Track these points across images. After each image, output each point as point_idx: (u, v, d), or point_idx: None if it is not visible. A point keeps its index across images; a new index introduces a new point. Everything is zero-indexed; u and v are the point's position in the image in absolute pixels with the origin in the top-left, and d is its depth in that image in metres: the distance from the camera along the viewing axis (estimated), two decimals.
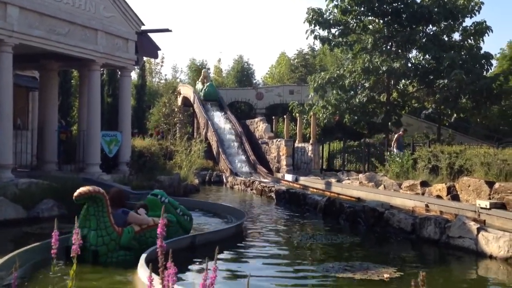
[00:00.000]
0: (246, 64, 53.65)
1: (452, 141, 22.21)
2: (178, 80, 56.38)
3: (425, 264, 8.24)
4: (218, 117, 33.12)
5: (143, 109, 36.39)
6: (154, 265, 2.90)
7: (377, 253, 8.94)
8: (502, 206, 10.98)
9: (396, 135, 19.93)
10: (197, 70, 53.50)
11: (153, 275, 2.79)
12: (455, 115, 24.01)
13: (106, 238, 7.00)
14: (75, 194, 6.92)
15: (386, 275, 6.77)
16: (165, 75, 60.57)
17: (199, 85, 35.89)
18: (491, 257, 8.05)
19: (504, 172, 12.41)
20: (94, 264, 6.88)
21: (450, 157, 14.47)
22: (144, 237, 7.48)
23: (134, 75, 36.26)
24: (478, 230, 8.51)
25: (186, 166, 19.72)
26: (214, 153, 29.15)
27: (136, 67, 18.76)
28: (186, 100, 38.30)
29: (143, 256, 6.22)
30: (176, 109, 31.04)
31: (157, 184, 14.97)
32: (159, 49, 17.91)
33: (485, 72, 23.82)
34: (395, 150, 18.47)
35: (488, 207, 10.82)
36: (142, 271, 5.54)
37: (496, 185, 11.68)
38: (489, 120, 29.29)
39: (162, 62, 56.29)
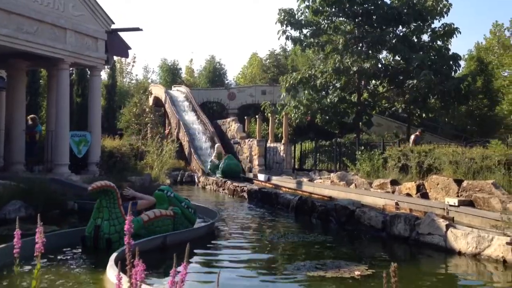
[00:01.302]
0: (218, 64, 53.59)
1: (421, 141, 22.55)
2: (149, 80, 55.92)
3: (395, 260, 8.29)
4: (190, 118, 32.94)
5: (113, 109, 35.91)
6: (123, 265, 2.84)
7: (349, 251, 8.99)
8: (470, 203, 11.21)
9: (413, 136, 19.88)
10: (169, 70, 53.13)
11: (121, 273, 2.73)
12: (424, 115, 24.39)
13: (118, 227, 7.72)
14: (89, 188, 7.76)
15: (357, 273, 6.81)
16: (136, 75, 60.05)
17: (213, 164, 24.47)
18: (459, 253, 8.18)
19: (472, 170, 12.66)
20: (108, 251, 7.35)
21: (419, 156, 14.70)
22: (152, 227, 8.35)
23: (104, 75, 35.81)
24: (447, 226, 8.64)
25: (157, 167, 19.53)
26: (186, 153, 29.00)
27: (106, 66, 18.49)
28: (157, 100, 38.02)
29: (113, 255, 6.14)
30: (147, 109, 30.74)
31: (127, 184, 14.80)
32: (130, 48, 17.71)
33: (453, 72, 24.28)
34: None
35: (456, 204, 11.03)
36: (111, 270, 5.45)
37: (464, 183, 11.91)
38: (457, 120, 29.90)
39: (134, 62, 55.81)
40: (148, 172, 17.84)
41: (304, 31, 25.01)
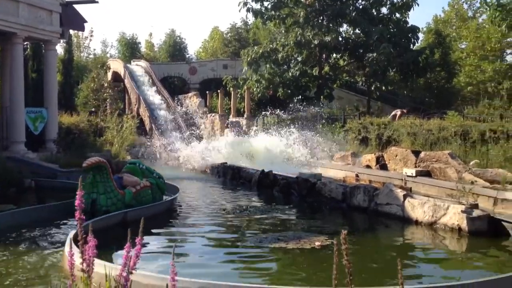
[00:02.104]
0: (178, 38, 52.66)
1: (381, 113, 22.88)
2: (108, 55, 54.62)
3: (355, 230, 8.48)
4: (151, 93, 32.45)
5: (70, 85, 34.90)
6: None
7: (310, 223, 9.10)
8: (427, 173, 11.49)
9: (399, 112, 19.83)
10: (127, 44, 52.02)
11: (75, 249, 2.68)
12: (383, 87, 24.70)
13: (114, 199, 8.38)
14: (84, 164, 8.09)
15: (317, 243, 6.91)
16: (94, 49, 58.25)
17: None
18: (416, 222, 8.38)
19: (429, 142, 12.96)
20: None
21: (379, 128, 14.95)
22: (139, 197, 9.03)
23: (60, 49, 34.69)
24: (405, 196, 8.82)
25: (117, 143, 19.22)
26: (147, 129, 28.62)
27: (61, 40, 17.97)
28: (116, 75, 37.21)
29: (71, 232, 6.02)
30: (105, 85, 30.10)
31: None
32: (86, 22, 17.24)
33: (412, 45, 24.59)
34: None
35: (414, 175, 11.29)
36: (68, 247, 5.37)
37: (422, 154, 12.18)
38: (415, 92, 30.42)
39: (91, 36, 54.19)
40: (108, 148, 17.56)
41: (265, 3, 24.84)
